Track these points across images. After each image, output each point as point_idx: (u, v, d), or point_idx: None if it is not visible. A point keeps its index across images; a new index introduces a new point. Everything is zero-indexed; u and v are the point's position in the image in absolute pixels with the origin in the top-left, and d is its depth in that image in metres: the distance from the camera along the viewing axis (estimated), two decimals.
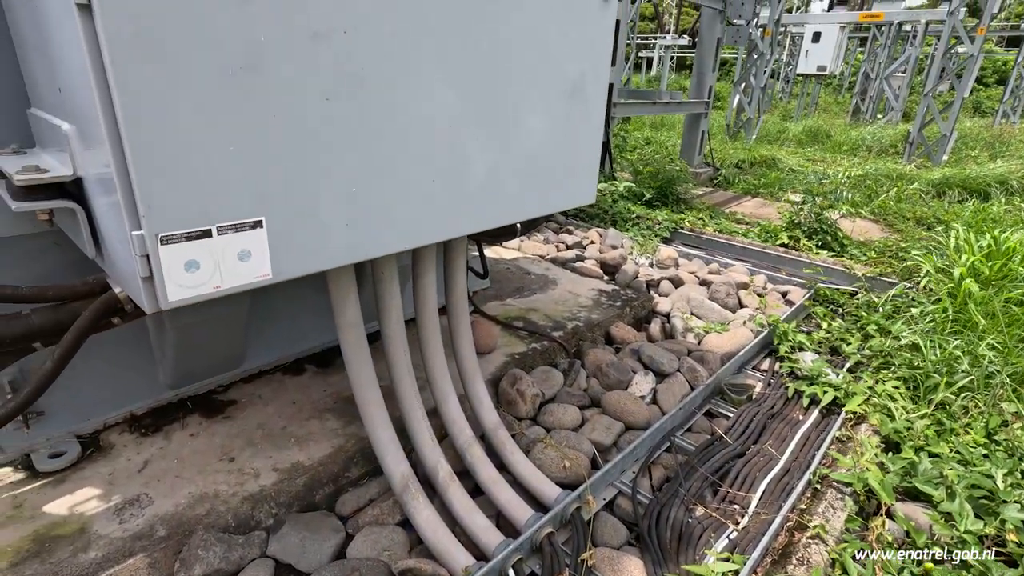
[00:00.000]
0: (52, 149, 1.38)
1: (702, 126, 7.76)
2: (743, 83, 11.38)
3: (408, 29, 1.32)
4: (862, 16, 13.42)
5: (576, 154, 1.97)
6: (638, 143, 10.32)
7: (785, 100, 21.21)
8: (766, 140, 11.81)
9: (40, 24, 1.15)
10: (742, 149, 9.95)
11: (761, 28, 10.89)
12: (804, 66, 14.27)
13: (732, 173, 8.08)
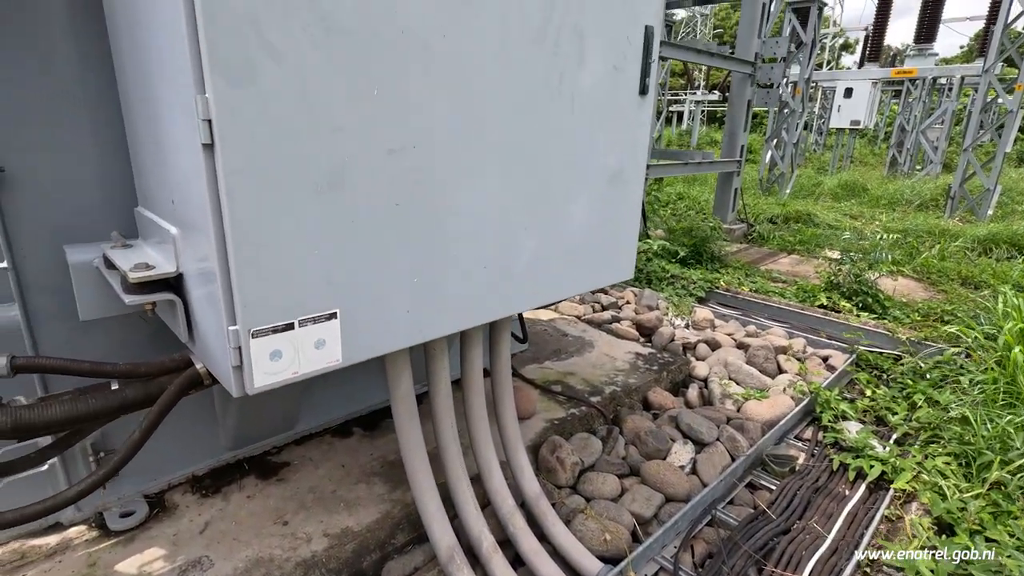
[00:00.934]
0: (153, 241, 1.58)
1: (735, 184, 7.86)
2: (775, 139, 11.51)
3: (469, 141, 1.48)
4: (895, 72, 13.53)
5: (616, 234, 2.09)
6: (670, 198, 10.47)
7: (819, 152, 21.21)
8: (801, 194, 11.80)
9: (160, 145, 1.35)
10: (776, 204, 9.97)
11: (792, 85, 11.09)
12: (837, 120, 14.38)
13: (767, 229, 8.09)
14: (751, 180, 12.63)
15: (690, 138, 25.65)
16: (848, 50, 39.30)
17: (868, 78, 13.50)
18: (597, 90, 1.80)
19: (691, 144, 24.88)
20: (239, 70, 1.06)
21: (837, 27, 26.89)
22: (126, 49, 1.42)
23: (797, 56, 10.63)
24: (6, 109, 1.59)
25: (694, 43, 6.47)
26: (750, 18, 7.22)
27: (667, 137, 26.12)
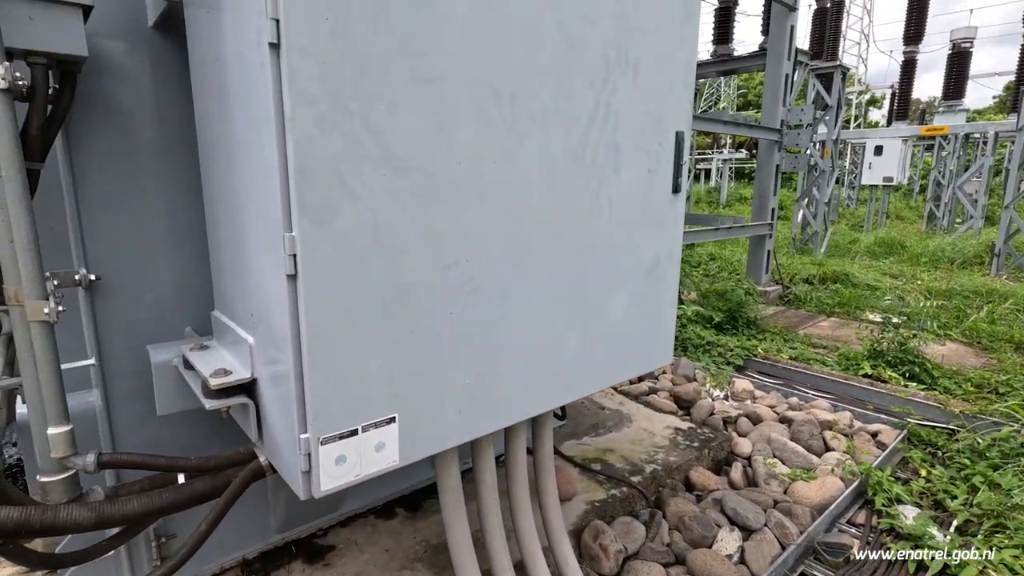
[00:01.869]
0: (227, 341, 1.72)
1: (767, 246, 7.87)
2: (806, 197, 11.53)
3: (516, 253, 1.60)
4: (925, 130, 13.54)
5: (654, 322, 2.16)
6: (702, 259, 10.48)
7: (852, 207, 21.03)
8: (836, 252, 11.66)
9: (243, 267, 1.51)
10: (811, 263, 9.87)
11: (820, 145, 11.21)
12: (869, 177, 14.34)
13: (803, 290, 7.99)
14: (784, 238, 12.57)
15: (719, 195, 25.83)
16: (875, 105, 39.52)
17: (897, 136, 13.53)
18: (633, 194, 1.92)
19: (720, 200, 25.03)
20: (322, 211, 1.21)
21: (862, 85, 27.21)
22: (217, 181, 1.61)
23: (824, 118, 10.81)
24: (105, 226, 1.80)
25: (721, 114, 6.70)
26: (774, 88, 7.45)
27: (696, 194, 26.36)
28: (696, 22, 2.04)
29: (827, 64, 10.56)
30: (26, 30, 1.42)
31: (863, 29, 24.20)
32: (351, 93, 1.21)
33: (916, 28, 13.44)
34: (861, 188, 20.24)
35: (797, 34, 7.43)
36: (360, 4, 1.19)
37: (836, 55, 10.86)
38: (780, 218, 17.05)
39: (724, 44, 8.89)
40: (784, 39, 7.29)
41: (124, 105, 1.79)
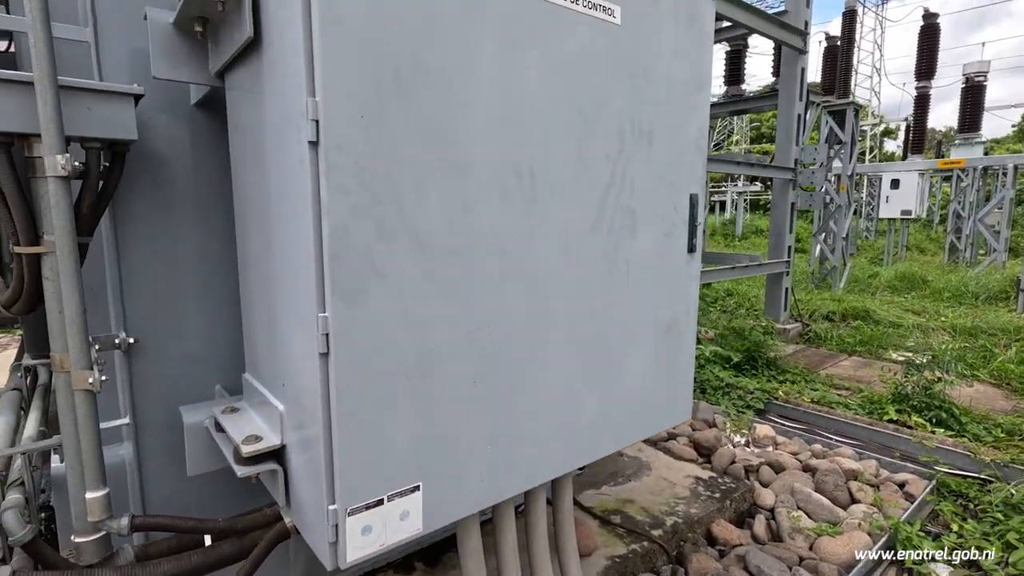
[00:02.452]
0: (256, 402, 1.78)
1: (784, 283, 7.83)
2: (823, 232, 11.48)
3: (536, 320, 1.65)
4: (942, 163, 13.50)
5: (672, 380, 2.18)
6: (719, 294, 10.43)
7: (871, 238, 20.83)
8: (856, 287, 11.52)
9: (276, 341, 1.58)
10: (831, 299, 9.76)
11: (835, 178, 11.21)
12: (886, 211, 14.26)
13: (823, 328, 7.89)
14: (801, 272, 12.47)
15: (735, 227, 25.79)
16: (890, 136, 39.49)
17: (914, 169, 13.49)
18: (649, 256, 1.97)
19: (736, 232, 24.98)
20: (353, 292, 1.28)
21: (876, 118, 27.29)
22: (252, 253, 1.70)
23: (839, 153, 10.85)
24: (144, 291, 1.90)
25: (734, 155, 6.78)
26: (787, 128, 7.54)
27: (711, 226, 26.35)
28: (708, 90, 2.12)
29: (840, 101, 10.66)
30: (84, 119, 1.55)
31: (874, 63, 24.42)
32: (382, 183, 1.29)
33: (927, 64, 13.55)
34: (879, 220, 20.09)
35: (808, 64, 7.54)
36: (392, 103, 1.28)
37: (848, 93, 10.97)
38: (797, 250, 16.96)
39: (736, 85, 9.06)
40: (795, 81, 7.41)
41: (164, 177, 1.91)
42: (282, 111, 1.32)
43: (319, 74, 1.18)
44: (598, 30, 1.68)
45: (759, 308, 9.08)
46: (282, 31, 1.27)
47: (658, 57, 1.88)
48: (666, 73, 1.92)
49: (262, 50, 1.40)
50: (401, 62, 1.28)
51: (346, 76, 1.21)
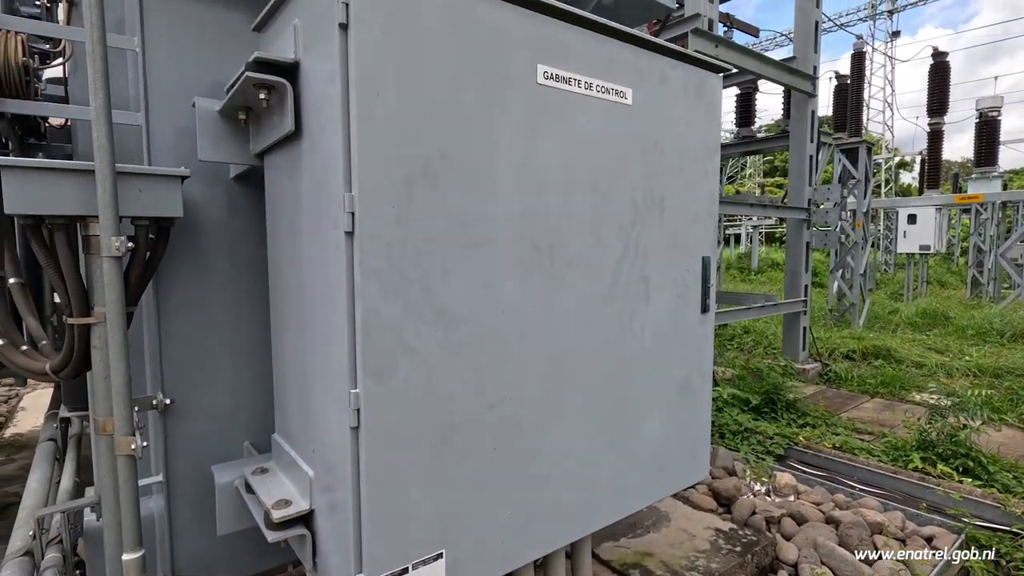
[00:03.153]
0: (285, 463, 1.85)
1: (802, 323, 7.77)
2: (840, 268, 11.40)
3: (554, 386, 1.71)
4: (959, 199, 13.42)
5: (689, 438, 2.20)
6: (736, 332, 10.35)
7: (890, 272, 20.58)
8: (876, 324, 11.35)
9: (308, 409, 1.66)
10: (850, 337, 9.63)
11: (851, 213, 11.19)
12: (904, 246, 14.14)
13: (843, 368, 7.77)
14: (819, 308, 12.34)
15: (750, 260, 25.68)
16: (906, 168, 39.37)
17: (931, 204, 13.43)
18: (663, 319, 2.03)
19: (752, 265, 24.85)
20: (383, 369, 1.36)
21: (890, 152, 27.31)
22: (284, 322, 1.80)
23: (853, 190, 10.88)
24: (181, 355, 2.00)
25: (747, 197, 6.86)
26: (799, 168, 7.62)
27: (726, 259, 26.26)
28: (717, 157, 2.21)
29: (852, 140, 10.75)
30: (136, 200, 1.68)
31: (885, 99, 24.59)
32: (411, 265, 1.38)
33: (939, 101, 13.64)
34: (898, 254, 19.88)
35: (818, 107, 7.66)
36: (420, 193, 1.38)
37: (860, 131, 11.06)
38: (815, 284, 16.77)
39: (747, 126, 9.21)
40: (805, 123, 7.53)
41: (202, 245, 2.03)
42: (319, 199, 1.43)
43: (356, 170, 1.29)
44: (611, 111, 1.79)
45: (777, 346, 8.98)
46: (322, 128, 1.39)
47: (668, 130, 1.98)
48: (676, 144, 2.02)
49: (301, 141, 1.52)
50: (430, 156, 1.39)
51: (380, 172, 1.32)
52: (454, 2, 1.41)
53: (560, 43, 1.63)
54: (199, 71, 2.03)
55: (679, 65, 1.98)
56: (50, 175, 1.54)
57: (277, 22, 1.64)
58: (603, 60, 1.74)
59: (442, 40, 1.40)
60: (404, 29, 1.33)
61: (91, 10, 1.50)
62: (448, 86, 1.42)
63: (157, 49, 1.95)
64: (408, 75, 1.35)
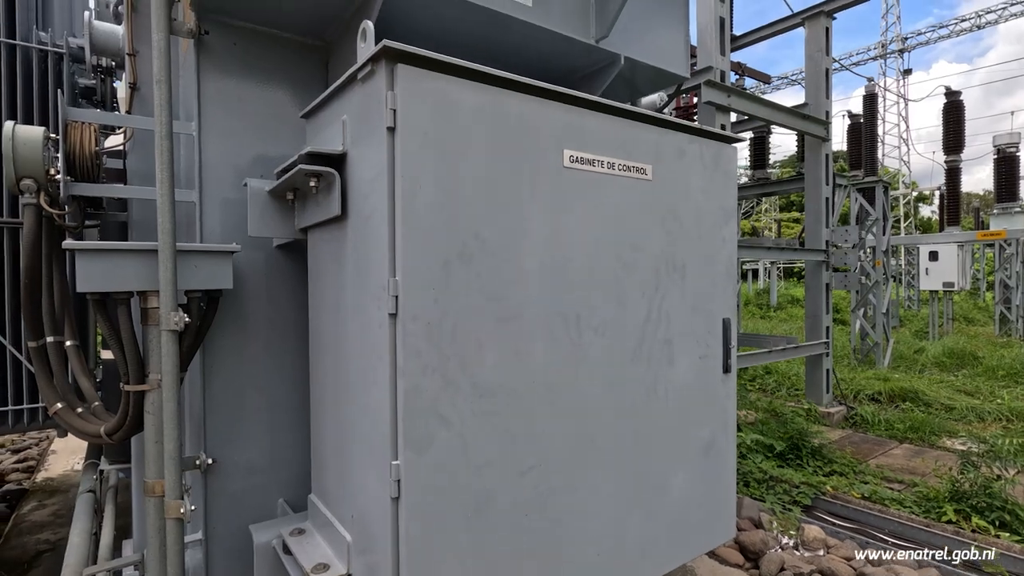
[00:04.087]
0: (320, 523, 1.91)
1: (825, 365, 7.68)
2: (862, 307, 11.28)
3: (582, 451, 1.77)
4: (981, 235, 13.28)
5: (715, 499, 2.22)
6: (757, 372, 10.22)
7: (915, 308, 20.21)
8: (902, 363, 11.12)
9: (348, 479, 1.74)
10: (875, 378, 9.44)
11: (871, 251, 11.12)
12: (927, 283, 13.95)
13: (870, 411, 7.61)
14: (842, 348, 12.15)
15: (768, 296, 25.43)
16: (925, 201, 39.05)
17: (952, 241, 13.30)
18: (687, 380, 2.09)
19: (770, 301, 24.60)
20: (422, 441, 1.44)
21: (907, 187, 27.21)
22: (325, 390, 1.90)
23: (871, 228, 10.86)
24: (223, 416, 2.10)
25: (763, 240, 6.91)
26: (815, 210, 7.67)
27: (744, 295, 26.03)
28: (734, 221, 2.30)
29: (868, 179, 10.80)
30: (192, 275, 1.81)
31: (900, 135, 24.67)
32: (448, 342, 1.48)
33: (954, 139, 13.67)
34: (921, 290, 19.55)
35: (832, 150, 7.75)
36: (457, 274, 1.49)
37: (875, 171, 11.12)
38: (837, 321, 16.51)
39: (761, 169, 9.34)
40: (820, 166, 7.62)
41: (247, 310, 2.16)
42: (363, 279, 1.55)
43: (400, 256, 1.41)
44: (633, 187, 1.90)
45: (800, 387, 8.84)
46: (368, 215, 1.52)
47: (687, 200, 2.08)
48: (695, 213, 2.11)
49: (346, 223, 1.65)
50: (466, 240, 1.50)
51: (422, 257, 1.43)
52: (486, 100, 1.54)
53: (583, 128, 1.76)
54: (245, 147, 2.20)
55: (696, 139, 2.09)
56: (117, 255, 1.69)
57: (325, 114, 1.80)
58: (624, 141, 1.86)
59: (476, 133, 1.53)
60: (442, 127, 1.46)
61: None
62: (482, 174, 1.54)
63: (211, 131, 2.13)
64: (446, 167, 1.47)
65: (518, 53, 2.39)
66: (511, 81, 1.57)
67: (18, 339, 2.96)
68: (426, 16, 2.06)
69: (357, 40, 1.53)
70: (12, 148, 1.74)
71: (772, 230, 33.92)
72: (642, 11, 2.59)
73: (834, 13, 7.76)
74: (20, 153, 1.77)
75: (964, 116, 13.92)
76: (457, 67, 1.47)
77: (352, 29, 2.10)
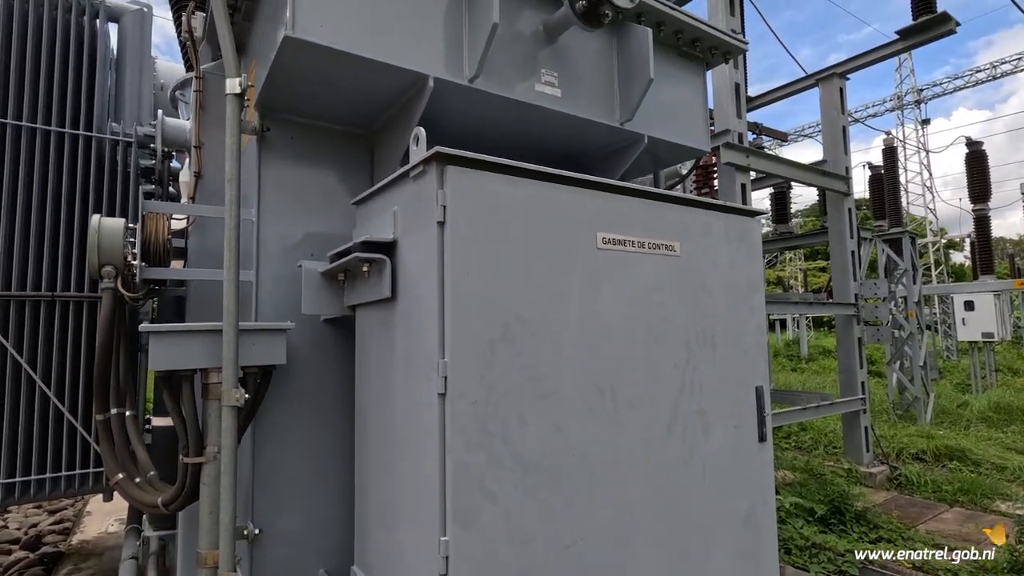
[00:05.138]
0: None
1: (863, 422, 7.43)
2: (897, 360, 10.96)
3: (621, 526, 1.79)
4: (1018, 284, 12.95)
5: (757, 571, 2.18)
6: (792, 429, 9.90)
7: (954, 358, 19.49)
8: (946, 420, 10.66)
9: (393, 555, 1.79)
10: (918, 435, 9.06)
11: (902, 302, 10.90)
12: (965, 333, 13.53)
13: (915, 471, 7.28)
14: (880, 401, 11.72)
15: (799, 347, 24.81)
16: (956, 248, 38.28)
17: (987, 290, 12.98)
18: (722, 450, 2.11)
19: (801, 353, 23.96)
20: (468, 516, 1.49)
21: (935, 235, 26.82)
22: (371, 464, 1.98)
23: (901, 279, 10.70)
24: (270, 486, 2.18)
25: (791, 296, 6.89)
26: (841, 264, 7.65)
27: (773, 346, 25.40)
28: (761, 291, 2.37)
29: (894, 231, 10.75)
30: (249, 352, 1.94)
31: (924, 183, 24.57)
32: (492, 418, 1.56)
33: (980, 188, 13.58)
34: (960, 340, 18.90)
35: (854, 204, 7.78)
36: (500, 354, 1.58)
37: (900, 222, 11.08)
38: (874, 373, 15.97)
39: (784, 223, 9.40)
40: (844, 221, 7.66)
41: (294, 384, 2.27)
42: (412, 360, 1.65)
43: (448, 339, 1.51)
44: (662, 263, 2.00)
45: (838, 444, 8.51)
46: (418, 300, 1.64)
47: (714, 274, 2.17)
48: (723, 285, 2.19)
49: (396, 305, 1.78)
50: (508, 321, 1.61)
51: (469, 339, 1.53)
52: (524, 192, 1.69)
53: (614, 211, 1.89)
54: (297, 227, 2.38)
55: (720, 216, 2.20)
56: (185, 336, 1.83)
57: (376, 204, 1.97)
58: (652, 220, 1.98)
59: (515, 222, 1.66)
60: (486, 218, 1.60)
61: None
62: (522, 259, 1.66)
63: (267, 214, 2.32)
64: (489, 254, 1.60)
65: (550, 136, 2.57)
66: (546, 174, 1.72)
67: (75, 407, 3.12)
68: (465, 110, 2.26)
69: (410, 142, 1.70)
70: (98, 239, 1.94)
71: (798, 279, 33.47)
72: (663, 93, 2.78)
73: (847, 74, 8.01)
74: (104, 243, 1.96)
75: (987, 165, 13.86)
76: (499, 165, 1.62)
77: (396, 120, 2.31)
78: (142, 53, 3.77)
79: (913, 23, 7.44)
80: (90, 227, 1.94)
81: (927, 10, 7.36)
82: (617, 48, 2.58)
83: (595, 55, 2.52)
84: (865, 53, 7.94)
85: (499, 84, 2.21)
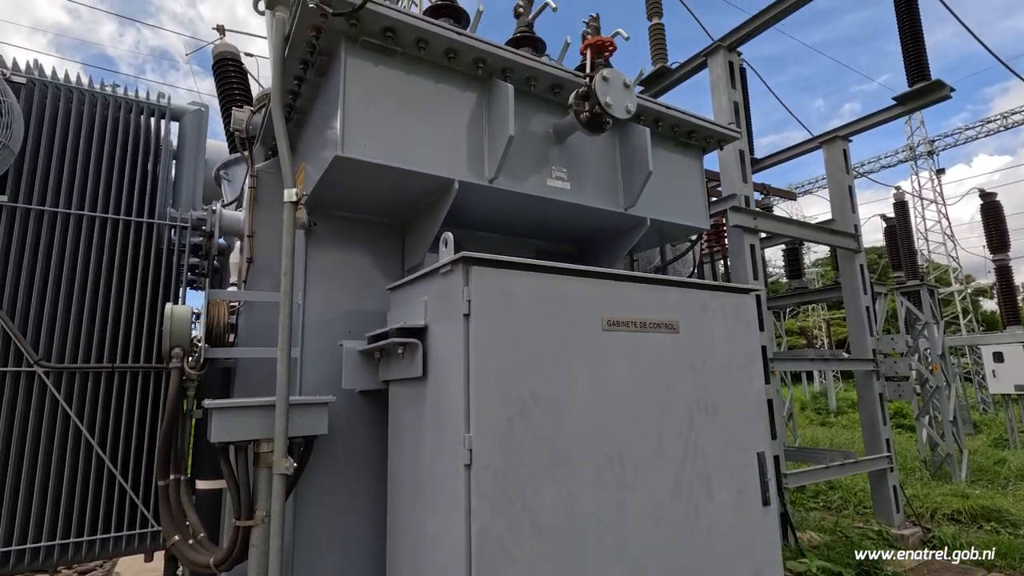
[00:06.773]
0: None
1: (891, 480, 7.28)
2: (926, 415, 10.72)
3: None
4: None
5: None
6: (820, 487, 9.65)
7: (989, 411, 18.80)
8: (982, 476, 10.29)
9: None
10: (952, 494, 8.76)
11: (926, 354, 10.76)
12: (996, 386, 13.18)
13: (950, 533, 7.05)
14: (911, 457, 11.36)
15: (827, 400, 24.17)
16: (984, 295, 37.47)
17: (1016, 341, 12.73)
18: (727, 514, 2.25)
19: (829, 407, 23.33)
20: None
21: (959, 283, 26.42)
22: (402, 532, 2.17)
23: (923, 332, 10.63)
24: (307, 549, 2.37)
25: (806, 353, 6.96)
26: (857, 320, 7.71)
27: (799, 399, 24.77)
28: (759, 361, 2.56)
29: (911, 284, 10.78)
30: (295, 424, 2.19)
31: (943, 231, 24.48)
32: (512, 486, 1.76)
33: (998, 239, 13.57)
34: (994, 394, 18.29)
35: (865, 260, 7.90)
36: (518, 428, 1.81)
37: (917, 275, 11.12)
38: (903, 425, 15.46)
39: (797, 279, 9.54)
40: (856, 277, 7.78)
41: (331, 450, 2.50)
42: (441, 433, 1.88)
43: (473, 415, 1.74)
44: (663, 340, 2.22)
45: (867, 504, 8.27)
46: (447, 380, 1.89)
47: (713, 348, 2.38)
48: (721, 358, 2.40)
49: (426, 383, 2.03)
50: (524, 398, 1.84)
51: (491, 415, 1.76)
52: (537, 283, 1.95)
53: (617, 296, 2.14)
54: (337, 306, 2.68)
55: (716, 295, 2.44)
56: (241, 411, 2.09)
57: (409, 292, 2.25)
58: (653, 302, 2.23)
59: (530, 311, 1.92)
60: (506, 310, 1.87)
61: (285, 295, 2.16)
62: (536, 343, 1.91)
63: (312, 296, 2.63)
64: (508, 340, 1.85)
65: (560, 222, 2.88)
66: (556, 268, 1.99)
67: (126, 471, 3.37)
68: (487, 204, 2.58)
69: (440, 244, 2.00)
70: (170, 325, 2.25)
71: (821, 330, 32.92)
72: (663, 179, 3.08)
73: (850, 136, 8.35)
74: (175, 328, 2.27)
75: (1003, 215, 13.89)
76: (516, 263, 1.90)
77: (426, 214, 2.63)
78: (199, 147, 4.26)
79: (909, 89, 7.81)
80: (164, 315, 2.26)
81: (921, 77, 7.73)
82: (619, 144, 2.91)
83: (600, 151, 2.85)
84: (866, 117, 8.28)
85: (515, 181, 2.53)
